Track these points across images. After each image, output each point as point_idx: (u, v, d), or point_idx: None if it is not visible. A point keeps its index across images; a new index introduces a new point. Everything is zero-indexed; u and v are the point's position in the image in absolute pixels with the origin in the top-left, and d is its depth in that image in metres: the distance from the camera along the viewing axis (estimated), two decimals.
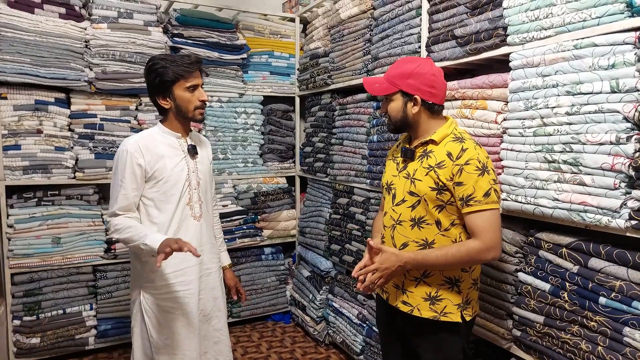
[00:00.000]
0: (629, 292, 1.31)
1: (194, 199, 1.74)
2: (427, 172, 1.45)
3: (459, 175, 1.39)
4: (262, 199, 3.34)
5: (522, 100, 1.59)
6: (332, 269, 3.00)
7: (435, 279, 1.47)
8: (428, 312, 1.47)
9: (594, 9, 1.38)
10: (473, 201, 1.38)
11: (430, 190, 1.43)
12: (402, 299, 1.52)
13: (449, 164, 1.41)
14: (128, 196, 1.66)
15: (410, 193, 1.48)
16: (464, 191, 1.39)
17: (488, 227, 1.37)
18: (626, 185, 1.32)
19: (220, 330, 1.85)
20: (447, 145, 1.45)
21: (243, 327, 3.31)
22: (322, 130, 3.11)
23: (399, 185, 1.53)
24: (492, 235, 1.38)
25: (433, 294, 1.47)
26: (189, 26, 3.00)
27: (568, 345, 1.47)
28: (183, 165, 1.72)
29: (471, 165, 1.38)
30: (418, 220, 1.47)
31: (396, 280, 1.53)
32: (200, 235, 1.76)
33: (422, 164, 1.47)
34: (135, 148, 1.66)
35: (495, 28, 1.70)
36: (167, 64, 1.65)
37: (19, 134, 2.61)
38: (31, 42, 2.57)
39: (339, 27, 2.83)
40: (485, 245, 1.37)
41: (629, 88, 1.29)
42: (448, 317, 1.46)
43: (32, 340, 2.65)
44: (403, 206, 1.50)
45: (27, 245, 2.64)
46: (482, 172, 1.38)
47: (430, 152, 1.47)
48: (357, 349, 2.65)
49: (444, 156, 1.43)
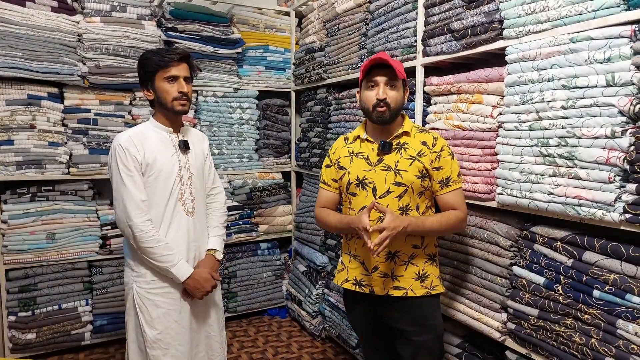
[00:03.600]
0: (622, 284, 1.32)
1: (185, 195, 1.73)
2: (411, 162, 1.57)
3: (438, 161, 1.58)
4: (258, 194, 3.34)
5: (518, 94, 1.59)
6: (328, 264, 3.01)
7: (420, 258, 1.61)
8: (421, 290, 1.60)
9: (590, 2, 1.38)
10: (451, 182, 1.59)
11: (416, 178, 1.56)
12: (393, 285, 1.60)
13: (427, 152, 1.58)
14: (139, 189, 1.65)
15: (396, 184, 1.57)
16: (443, 174, 1.58)
17: (463, 201, 1.62)
18: (621, 179, 1.33)
19: (211, 325, 1.85)
20: (417, 136, 1.62)
21: (239, 322, 3.31)
22: (318, 125, 3.10)
23: (377, 178, 1.59)
24: (465, 208, 1.62)
25: (421, 272, 1.61)
26: (183, 20, 2.97)
27: (562, 337, 1.48)
28: (174, 160, 1.72)
29: (445, 151, 1.60)
30: (405, 209, 1.58)
31: (384, 269, 1.60)
32: (193, 230, 1.76)
33: (402, 155, 1.59)
34: (130, 143, 1.67)
35: (491, 22, 1.70)
36: (151, 55, 1.68)
37: (12, 129, 2.58)
38: (23, 36, 2.54)
39: (334, 20, 2.81)
40: (465, 215, 1.61)
41: (625, 82, 1.29)
42: (436, 290, 1.62)
43: (28, 335, 2.65)
44: (389, 197, 1.58)
45: (21, 241, 2.63)
46: (452, 156, 1.62)
47: (405, 144, 1.60)
48: (352, 343, 2.66)
49: (420, 146, 1.59)
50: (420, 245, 1.61)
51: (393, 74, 1.55)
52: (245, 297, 3.29)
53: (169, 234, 1.71)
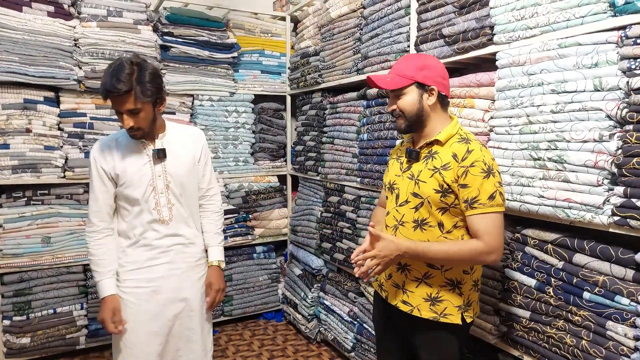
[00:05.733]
0: (611, 286, 1.33)
1: (161, 203, 1.71)
2: (432, 174, 1.42)
3: (464, 177, 1.36)
4: (254, 197, 3.35)
5: (509, 99, 1.61)
6: (323, 267, 3.02)
7: (436, 280, 1.45)
8: (428, 313, 1.46)
9: (578, 9, 1.41)
10: (477, 204, 1.35)
11: (434, 192, 1.40)
12: (402, 299, 1.51)
13: (454, 166, 1.38)
14: (97, 199, 1.69)
15: (413, 194, 1.46)
16: (469, 193, 1.36)
17: (491, 230, 1.35)
18: (609, 182, 1.35)
19: (192, 329, 1.81)
20: (453, 147, 1.42)
21: (235, 326, 3.31)
22: (313, 129, 3.12)
23: (402, 185, 1.51)
24: (495, 238, 1.35)
25: (434, 294, 1.45)
26: (179, 25, 2.99)
27: (553, 339, 1.49)
28: (146, 170, 1.69)
29: (477, 168, 1.35)
30: (421, 222, 1.45)
31: (396, 280, 1.52)
32: (171, 238, 1.74)
33: (427, 165, 1.45)
34: (99, 152, 1.68)
35: (482, 27, 1.72)
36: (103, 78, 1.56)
37: (8, 133, 2.59)
38: (19, 40, 2.55)
39: (329, 25, 2.84)
40: (488, 248, 1.35)
41: (612, 86, 1.31)
42: (448, 319, 1.44)
43: (23, 340, 2.64)
44: (406, 207, 1.48)
45: (16, 245, 2.63)
46: (487, 174, 1.35)
47: (435, 153, 1.44)
48: (348, 346, 2.67)
49: (449, 157, 1.40)
50: (439, 267, 1.45)
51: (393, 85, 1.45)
52: (240, 301, 3.29)
53: (140, 241, 1.72)
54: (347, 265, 2.65)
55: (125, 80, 1.51)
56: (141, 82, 1.54)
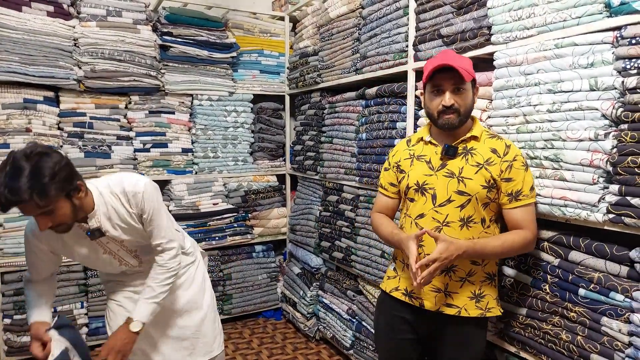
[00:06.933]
0: (606, 283, 1.35)
1: (125, 259, 1.67)
2: (477, 170, 1.42)
3: (509, 172, 1.41)
4: (253, 197, 3.36)
5: (506, 98, 1.63)
6: (322, 266, 3.04)
7: (477, 276, 1.47)
8: (475, 311, 1.46)
9: (574, 9, 1.43)
10: (522, 195, 1.42)
11: (482, 188, 1.41)
12: (445, 302, 1.47)
13: (497, 161, 1.42)
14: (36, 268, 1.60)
15: (458, 192, 1.43)
16: (514, 187, 1.42)
17: (532, 219, 1.44)
18: (604, 180, 1.37)
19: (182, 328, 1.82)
20: (487, 142, 1.45)
21: (234, 324, 3.33)
22: (312, 129, 3.13)
23: (439, 185, 1.45)
24: (535, 226, 1.45)
25: (477, 291, 1.47)
26: (178, 24, 3.00)
27: (549, 335, 1.51)
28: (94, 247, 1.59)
29: (518, 162, 1.43)
30: (467, 220, 1.43)
31: (437, 284, 1.47)
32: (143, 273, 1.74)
33: (468, 161, 1.43)
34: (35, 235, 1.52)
35: (480, 27, 1.74)
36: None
37: (8, 133, 2.60)
38: (19, 40, 2.56)
39: (328, 25, 2.85)
40: (534, 236, 1.44)
41: (607, 86, 1.33)
42: (491, 312, 1.48)
43: (23, 338, 2.65)
44: (450, 206, 1.44)
45: (17, 244, 2.63)
46: (526, 167, 1.44)
47: (472, 149, 1.45)
48: (347, 344, 2.69)
49: (489, 153, 1.43)
50: (480, 263, 1.46)
51: (460, 77, 1.38)
52: (240, 300, 3.31)
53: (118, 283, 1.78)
54: (346, 263, 2.67)
55: (21, 187, 1.24)
56: (41, 184, 1.27)
